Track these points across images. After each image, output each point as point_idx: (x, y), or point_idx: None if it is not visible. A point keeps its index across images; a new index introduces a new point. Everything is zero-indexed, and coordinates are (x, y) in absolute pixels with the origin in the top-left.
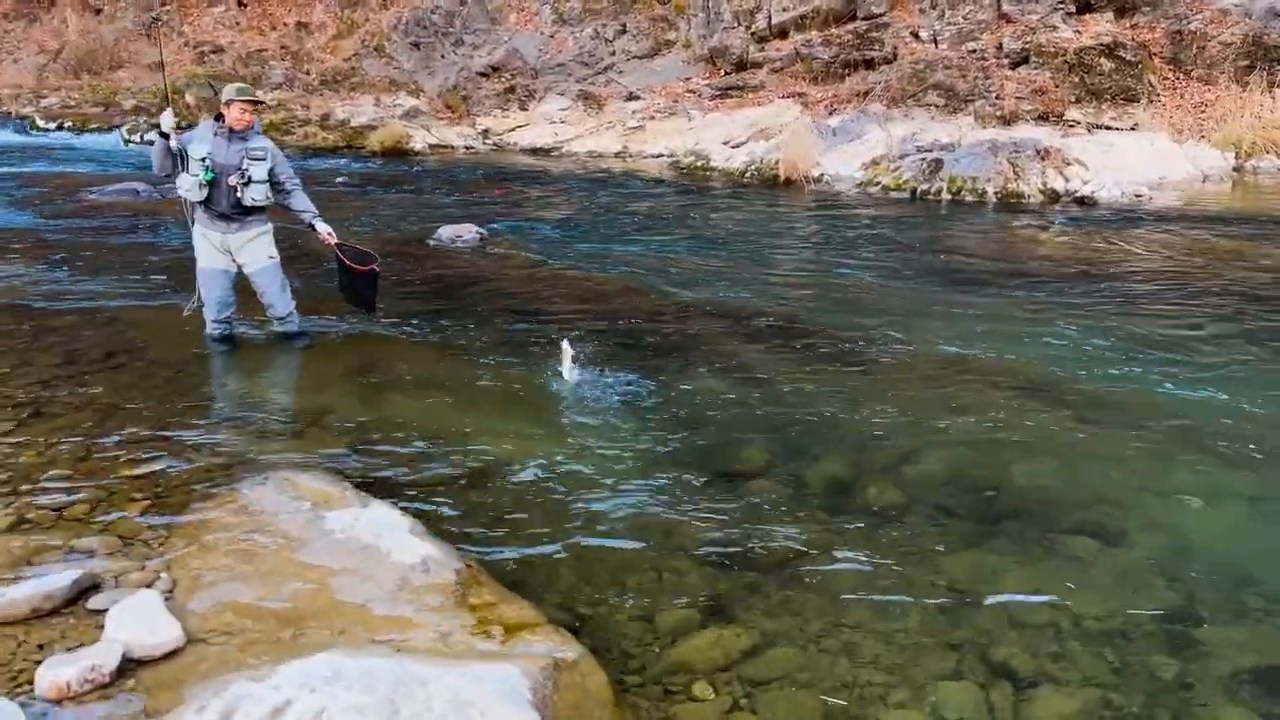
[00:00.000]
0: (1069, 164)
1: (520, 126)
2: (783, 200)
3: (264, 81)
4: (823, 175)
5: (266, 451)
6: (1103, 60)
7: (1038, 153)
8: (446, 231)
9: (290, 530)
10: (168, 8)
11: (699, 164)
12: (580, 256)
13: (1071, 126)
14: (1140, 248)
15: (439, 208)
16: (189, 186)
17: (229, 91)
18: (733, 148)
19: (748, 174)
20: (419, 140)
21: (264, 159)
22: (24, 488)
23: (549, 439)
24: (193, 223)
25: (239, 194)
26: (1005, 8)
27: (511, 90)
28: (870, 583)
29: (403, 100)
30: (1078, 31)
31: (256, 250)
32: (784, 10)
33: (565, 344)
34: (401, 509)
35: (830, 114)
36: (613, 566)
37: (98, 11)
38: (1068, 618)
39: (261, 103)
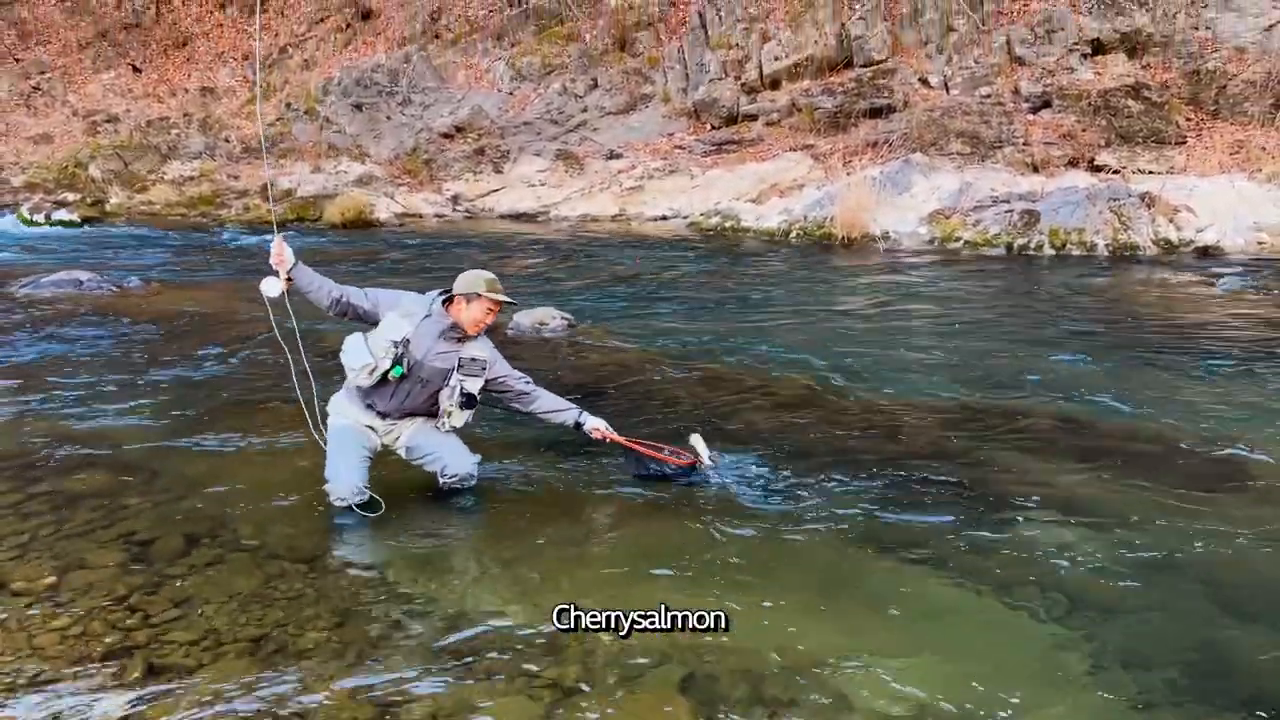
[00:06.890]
0: (1178, 210)
1: (495, 191)
2: (858, 263)
3: (181, 150)
4: (886, 232)
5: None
6: (1129, 102)
7: (1143, 199)
8: (525, 319)
9: None
10: (48, 75)
11: (727, 225)
12: (694, 344)
13: (1106, 171)
14: None
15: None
16: (358, 365)
17: (472, 282)
18: (759, 206)
19: (792, 234)
20: (383, 209)
21: (482, 373)
22: None
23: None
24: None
25: (443, 412)
26: (1018, 50)
27: (481, 152)
28: None
29: (347, 166)
30: (1097, 73)
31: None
32: (775, 60)
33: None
34: None
35: (844, 166)
36: None
37: None
38: None
39: (512, 304)
